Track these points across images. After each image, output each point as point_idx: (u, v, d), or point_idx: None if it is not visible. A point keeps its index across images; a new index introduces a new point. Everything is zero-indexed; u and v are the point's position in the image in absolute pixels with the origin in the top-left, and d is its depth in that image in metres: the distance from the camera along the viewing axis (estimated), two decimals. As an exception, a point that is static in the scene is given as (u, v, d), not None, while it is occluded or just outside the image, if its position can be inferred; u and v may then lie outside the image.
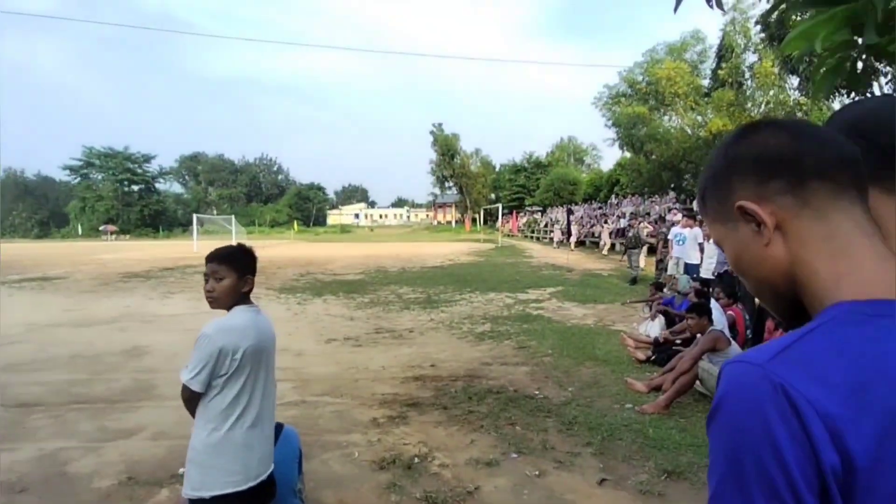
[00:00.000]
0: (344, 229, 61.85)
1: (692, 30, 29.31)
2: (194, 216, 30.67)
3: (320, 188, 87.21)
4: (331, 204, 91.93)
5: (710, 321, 4.60)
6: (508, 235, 37.93)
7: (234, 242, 2.23)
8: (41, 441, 3.74)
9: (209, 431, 1.86)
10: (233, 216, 34.94)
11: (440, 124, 55.28)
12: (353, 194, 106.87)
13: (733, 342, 4.44)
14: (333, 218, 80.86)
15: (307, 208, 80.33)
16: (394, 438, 3.79)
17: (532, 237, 35.30)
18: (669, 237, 11.19)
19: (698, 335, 5.18)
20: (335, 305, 9.83)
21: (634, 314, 8.54)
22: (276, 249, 27.73)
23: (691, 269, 9.33)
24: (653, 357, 5.64)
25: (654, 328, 6.55)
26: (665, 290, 7.77)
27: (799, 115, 24.36)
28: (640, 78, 30.01)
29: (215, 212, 49.31)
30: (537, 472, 3.26)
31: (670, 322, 6.63)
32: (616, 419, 4.05)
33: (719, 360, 4.31)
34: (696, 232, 10.60)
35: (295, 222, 62.76)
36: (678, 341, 5.85)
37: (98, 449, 3.61)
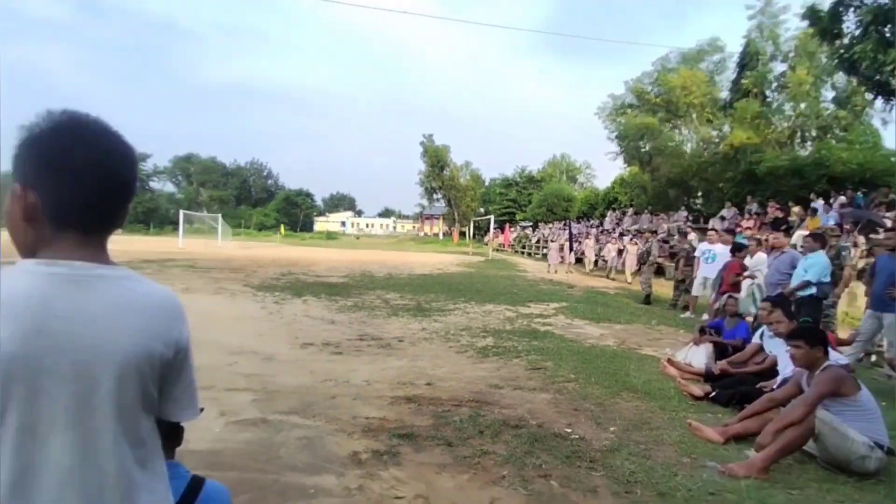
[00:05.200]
0: (330, 235, 60.30)
1: (710, 37, 27.44)
2: (181, 212, 29.08)
3: (308, 195, 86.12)
4: (318, 211, 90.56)
5: (826, 353, 3.42)
6: (499, 249, 36.90)
7: (219, 242, 1.11)
8: None
9: None
10: (220, 215, 33.54)
11: (430, 135, 54.19)
12: (341, 202, 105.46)
13: (863, 386, 3.27)
14: (321, 224, 79.45)
15: (295, 213, 79.08)
16: (381, 487, 2.66)
17: (523, 252, 34.31)
18: (696, 255, 10.21)
19: (794, 370, 3.76)
20: (315, 307, 8.65)
21: (662, 338, 7.49)
22: (260, 250, 26.39)
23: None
24: (712, 394, 4.49)
25: (699, 356, 5.41)
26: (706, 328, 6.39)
27: (836, 130, 22.84)
28: (648, 88, 28.20)
29: (205, 212, 47.82)
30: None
31: (720, 352, 5.51)
32: (695, 482, 2.92)
33: (846, 409, 3.15)
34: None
35: (282, 226, 61.12)
36: (742, 374, 4.74)
37: None
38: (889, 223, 9.95)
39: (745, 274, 7.94)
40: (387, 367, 5.11)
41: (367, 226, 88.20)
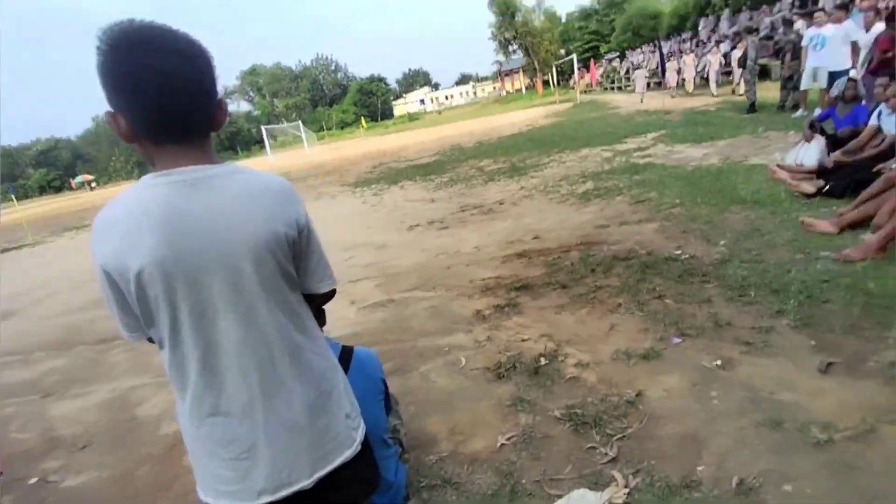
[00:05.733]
0: (412, 117, 59.68)
1: None
2: (263, 128, 30.36)
3: (381, 79, 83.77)
4: (395, 94, 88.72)
5: None
6: (587, 91, 34.12)
7: (307, 149, 1.20)
8: (115, 380, 3.39)
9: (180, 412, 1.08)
10: (300, 122, 34.36)
11: (497, -20, 48.93)
12: (416, 79, 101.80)
13: None
14: (399, 108, 78.23)
15: (372, 103, 78.24)
16: (508, 334, 2.97)
17: (613, 88, 31.40)
18: (803, 44, 8.75)
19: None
20: (413, 190, 9.00)
21: (770, 144, 6.80)
22: (347, 148, 27.23)
23: (839, 78, 7.10)
24: (825, 188, 4.17)
25: (811, 153, 4.91)
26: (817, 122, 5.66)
27: None
28: None
29: (285, 123, 49.12)
30: (719, 362, 2.29)
31: (834, 144, 4.97)
32: (809, 275, 2.88)
33: None
34: (848, 26, 8.08)
35: (362, 119, 61.33)
36: (858, 161, 4.31)
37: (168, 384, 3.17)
38: None
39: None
40: (493, 230, 5.33)
41: (447, 98, 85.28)
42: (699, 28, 27.06)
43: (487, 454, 2.01)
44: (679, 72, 18.73)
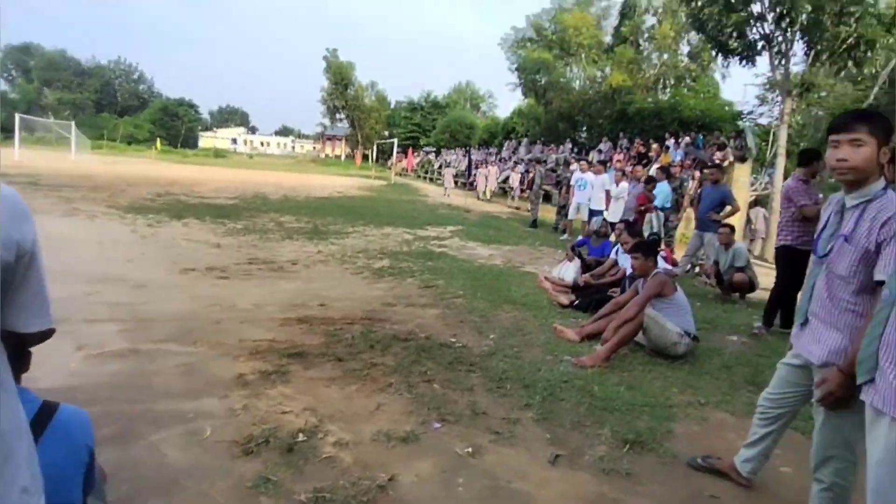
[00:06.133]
0: (218, 153, 55.03)
1: None
2: (17, 116, 24.47)
3: (192, 105, 76.42)
4: (204, 125, 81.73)
5: (656, 263, 4.03)
6: (402, 174, 36.49)
7: (73, 155, 0.87)
8: None
9: None
10: (72, 123, 28.71)
11: (335, 50, 50.53)
12: (232, 117, 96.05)
13: (679, 288, 3.92)
14: (207, 140, 71.86)
15: (175, 127, 70.10)
16: (268, 404, 2.69)
17: (426, 178, 34.32)
18: (571, 183, 10.98)
19: (625, 280, 4.72)
20: (199, 230, 8.08)
21: (543, 257, 8.06)
22: (129, 167, 23.59)
23: (595, 216, 9.08)
24: (576, 302, 5.07)
25: (570, 271, 6.02)
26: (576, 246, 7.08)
27: (688, 80, 25.89)
28: (547, 25, 29.94)
29: (52, 118, 40.69)
30: (470, 449, 2.40)
31: (585, 266, 6.16)
32: (553, 375, 3.34)
33: (666, 307, 3.77)
34: (604, 178, 10.44)
35: (158, 140, 54.48)
36: (599, 285, 5.36)
37: None
38: (717, 160, 12.03)
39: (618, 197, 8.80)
40: (278, 290, 5.01)
41: (263, 144, 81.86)
42: (503, 147, 31.91)
43: (208, 550, 1.69)
44: (486, 178, 21.53)
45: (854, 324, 1.74)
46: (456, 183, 20.52)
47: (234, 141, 77.90)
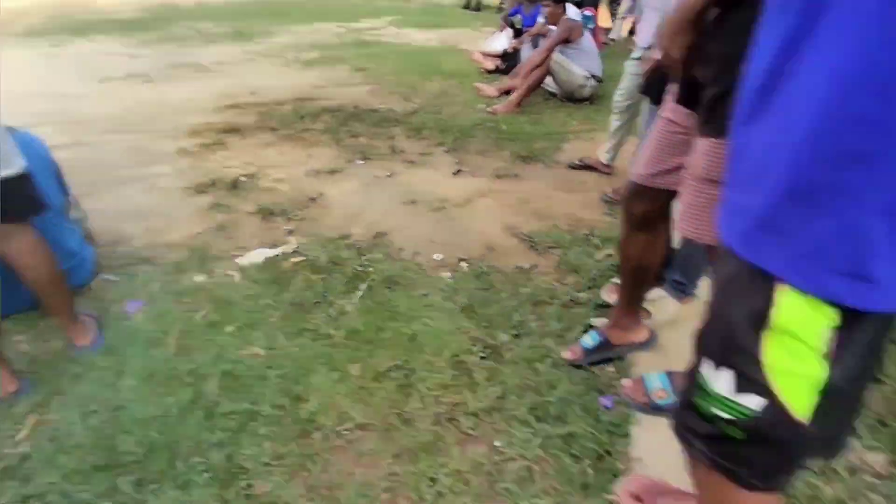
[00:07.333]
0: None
1: None
2: None
3: None
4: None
5: (565, 10, 4.15)
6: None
7: None
8: None
9: None
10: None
11: None
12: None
13: (587, 33, 4.13)
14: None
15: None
16: (212, 164, 3.06)
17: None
18: None
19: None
20: (109, 44, 7.50)
21: (482, 37, 7.91)
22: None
23: None
24: (503, 67, 5.25)
25: (502, 41, 6.02)
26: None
27: None
28: None
29: None
30: (388, 173, 2.90)
31: (518, 35, 6.17)
32: (468, 121, 3.75)
33: (573, 51, 4.03)
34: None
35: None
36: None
37: None
38: None
39: None
40: (205, 87, 5.01)
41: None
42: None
43: (182, 240, 2.22)
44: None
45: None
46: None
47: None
